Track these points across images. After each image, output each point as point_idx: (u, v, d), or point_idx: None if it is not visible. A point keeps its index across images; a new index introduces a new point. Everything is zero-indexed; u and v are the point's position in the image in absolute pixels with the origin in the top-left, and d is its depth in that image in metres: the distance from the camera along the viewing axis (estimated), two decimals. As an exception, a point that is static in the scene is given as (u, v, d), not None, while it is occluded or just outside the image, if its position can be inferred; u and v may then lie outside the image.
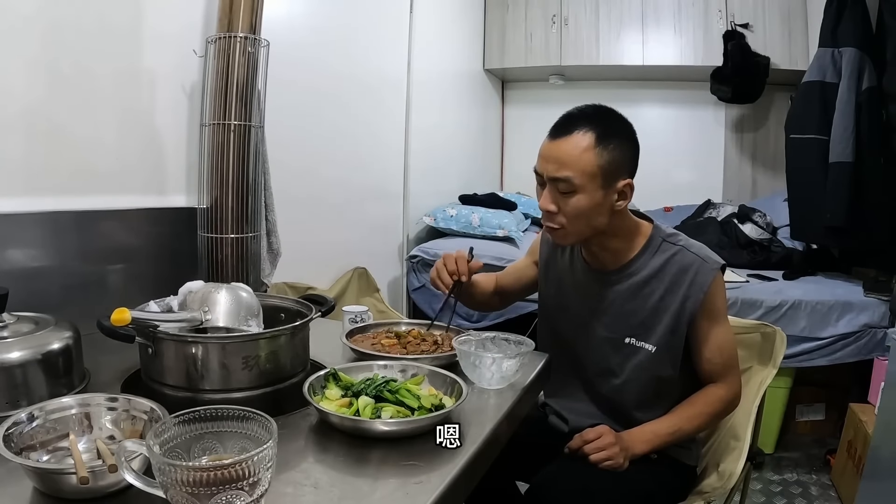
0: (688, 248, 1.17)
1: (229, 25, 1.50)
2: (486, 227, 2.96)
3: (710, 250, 1.19)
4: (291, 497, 0.67)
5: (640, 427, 1.17)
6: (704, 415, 1.19)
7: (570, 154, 1.08)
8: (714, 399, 1.19)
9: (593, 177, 1.08)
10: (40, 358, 0.86)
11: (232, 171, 1.51)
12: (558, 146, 1.10)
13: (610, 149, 1.08)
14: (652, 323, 1.16)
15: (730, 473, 1.24)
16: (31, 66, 1.22)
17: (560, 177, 1.08)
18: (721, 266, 1.16)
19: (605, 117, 1.12)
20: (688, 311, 1.14)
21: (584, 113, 1.12)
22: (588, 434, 1.14)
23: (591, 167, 1.07)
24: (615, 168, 1.09)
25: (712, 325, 1.16)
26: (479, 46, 3.91)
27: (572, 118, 1.12)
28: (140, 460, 0.64)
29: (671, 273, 1.15)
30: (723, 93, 3.38)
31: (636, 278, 1.17)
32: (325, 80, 2.24)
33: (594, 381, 1.25)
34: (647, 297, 1.16)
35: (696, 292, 1.13)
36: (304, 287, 2.07)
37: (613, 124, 1.12)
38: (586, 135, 1.08)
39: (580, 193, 1.09)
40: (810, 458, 2.48)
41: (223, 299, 0.97)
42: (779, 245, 2.89)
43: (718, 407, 1.20)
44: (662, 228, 1.21)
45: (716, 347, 1.17)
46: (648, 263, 1.17)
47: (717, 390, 1.19)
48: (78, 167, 1.34)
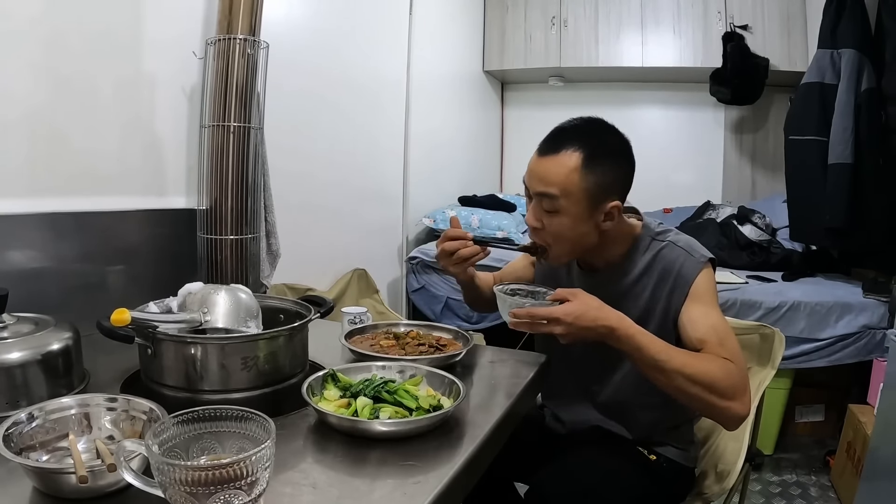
0: (675, 243, 1.15)
1: (229, 27, 1.50)
2: (485, 229, 2.96)
3: (699, 244, 1.16)
4: (290, 497, 0.67)
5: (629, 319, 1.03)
6: (700, 368, 0.98)
7: (557, 174, 1.05)
8: (723, 364, 0.99)
9: (578, 199, 1.05)
10: (40, 358, 0.87)
11: (231, 172, 1.52)
12: (545, 164, 1.07)
13: (598, 172, 1.04)
14: (645, 319, 1.14)
15: (729, 474, 1.24)
16: (32, 70, 1.23)
17: (544, 193, 1.06)
18: (708, 259, 1.13)
19: (596, 135, 1.08)
20: (674, 305, 1.11)
21: (575, 129, 1.09)
22: (541, 311, 1.00)
23: (575, 189, 1.04)
24: (602, 190, 1.05)
25: (699, 305, 1.09)
26: (479, 48, 3.91)
27: (562, 133, 1.08)
28: (139, 460, 0.64)
29: (659, 269, 1.14)
30: (722, 94, 3.38)
31: (627, 278, 1.16)
32: (324, 81, 2.24)
33: (591, 382, 1.25)
34: (638, 295, 1.15)
35: (681, 285, 1.11)
36: (303, 288, 2.08)
37: (605, 143, 1.08)
38: (573, 155, 1.04)
39: (563, 215, 1.06)
40: (809, 460, 2.48)
41: (222, 300, 0.98)
42: (778, 246, 2.89)
43: (722, 375, 0.98)
44: (652, 226, 1.19)
45: (709, 328, 1.06)
46: (638, 262, 1.16)
47: (729, 363, 1.01)
48: (78, 169, 1.34)
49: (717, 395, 0.98)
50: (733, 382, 0.99)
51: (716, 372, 0.98)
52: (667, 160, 3.83)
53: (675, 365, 0.98)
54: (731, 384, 0.99)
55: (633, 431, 1.21)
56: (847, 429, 2.23)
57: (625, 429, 1.21)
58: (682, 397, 1.01)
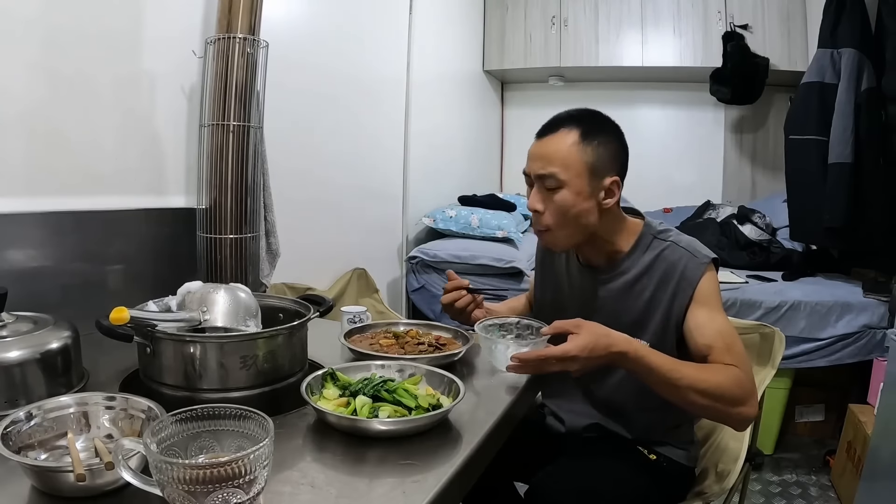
0: (677, 243, 1.15)
1: (228, 26, 1.50)
2: (485, 229, 2.96)
3: (702, 244, 1.16)
4: (289, 496, 0.67)
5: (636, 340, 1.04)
6: (712, 382, 0.99)
7: (557, 150, 1.10)
8: (732, 373, 1.01)
9: (579, 172, 1.09)
10: (39, 357, 0.86)
11: (231, 171, 1.52)
12: (544, 144, 1.12)
13: (595, 145, 1.10)
14: (644, 320, 1.14)
15: (728, 474, 1.24)
16: (31, 69, 1.23)
17: (545, 173, 1.10)
18: (711, 259, 1.13)
19: (590, 117, 1.15)
20: (677, 308, 1.11)
21: (569, 114, 1.15)
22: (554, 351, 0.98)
23: (575, 162, 1.09)
24: (601, 165, 1.10)
25: (705, 310, 1.09)
26: (479, 48, 3.91)
27: (558, 119, 1.14)
28: (137, 458, 0.64)
29: (660, 269, 1.14)
30: (722, 94, 3.38)
31: (627, 276, 1.17)
32: (324, 81, 2.24)
33: (590, 381, 1.25)
34: (638, 294, 1.15)
35: (685, 287, 1.11)
36: (303, 287, 2.07)
37: (599, 123, 1.14)
38: (571, 132, 1.10)
39: (566, 189, 1.10)
40: (809, 459, 2.48)
41: (221, 299, 0.97)
42: (778, 246, 2.89)
43: (732, 384, 0.99)
44: (653, 225, 1.20)
45: (715, 333, 1.07)
46: (639, 261, 1.16)
47: (737, 371, 1.02)
48: (78, 168, 1.34)
49: (728, 403, 1.00)
50: (742, 389, 1.01)
51: (725, 383, 1.00)
52: (667, 160, 3.83)
53: (687, 382, 0.99)
54: (740, 392, 1.01)
55: (632, 431, 1.21)
56: (847, 429, 2.23)
57: (624, 428, 1.21)
58: (693, 409, 1.03)
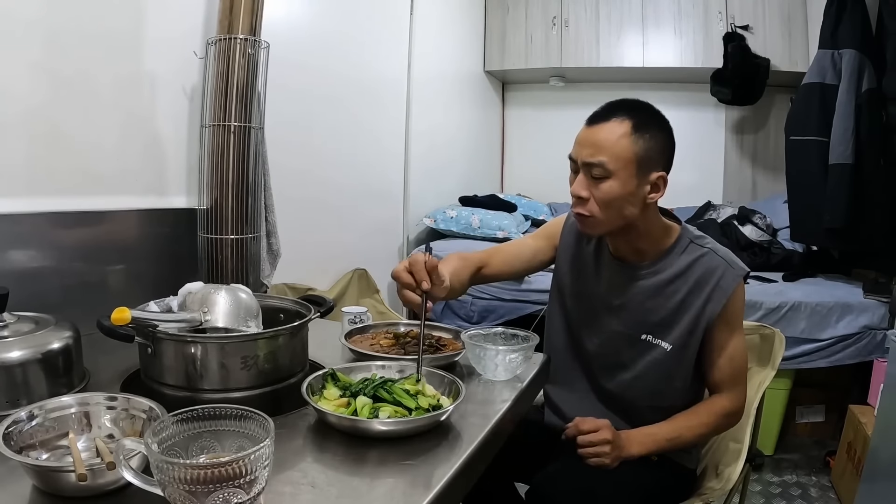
0: (715, 252, 1.18)
1: (229, 27, 1.50)
2: (485, 229, 2.96)
3: (737, 257, 1.19)
4: (289, 496, 0.67)
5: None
6: (705, 426, 1.19)
7: (607, 139, 1.08)
8: (718, 410, 1.19)
9: (627, 163, 1.08)
10: (40, 357, 0.87)
11: (232, 172, 1.52)
12: (595, 132, 1.10)
13: (646, 138, 1.09)
14: (671, 322, 1.16)
15: (729, 475, 1.24)
16: (32, 70, 1.23)
17: (594, 161, 1.09)
18: (746, 273, 1.16)
19: (643, 108, 1.13)
20: (707, 314, 1.14)
21: (623, 103, 1.13)
22: (584, 424, 1.14)
23: (625, 153, 1.08)
24: (650, 158, 1.09)
25: (729, 333, 1.16)
26: (480, 48, 3.91)
27: (611, 107, 1.12)
28: (138, 458, 0.64)
29: (696, 274, 1.16)
30: (723, 94, 3.38)
31: (662, 276, 1.18)
32: (325, 81, 2.24)
33: (599, 373, 1.25)
34: (670, 295, 1.17)
35: (718, 296, 1.13)
36: (303, 288, 2.07)
37: (652, 116, 1.13)
38: (623, 122, 1.09)
39: (613, 179, 1.08)
40: (810, 460, 2.48)
41: (222, 300, 0.98)
42: (779, 246, 2.89)
43: (721, 420, 1.19)
44: (691, 230, 1.22)
45: (728, 357, 1.17)
46: (675, 263, 1.17)
47: (722, 402, 1.19)
48: (79, 168, 1.34)
49: (723, 429, 1.25)
50: (734, 412, 1.20)
51: (720, 420, 1.19)
52: (667, 160, 3.82)
53: (688, 438, 1.19)
54: (731, 416, 1.20)
55: (634, 431, 1.22)
56: (847, 429, 2.23)
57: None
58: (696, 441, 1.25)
